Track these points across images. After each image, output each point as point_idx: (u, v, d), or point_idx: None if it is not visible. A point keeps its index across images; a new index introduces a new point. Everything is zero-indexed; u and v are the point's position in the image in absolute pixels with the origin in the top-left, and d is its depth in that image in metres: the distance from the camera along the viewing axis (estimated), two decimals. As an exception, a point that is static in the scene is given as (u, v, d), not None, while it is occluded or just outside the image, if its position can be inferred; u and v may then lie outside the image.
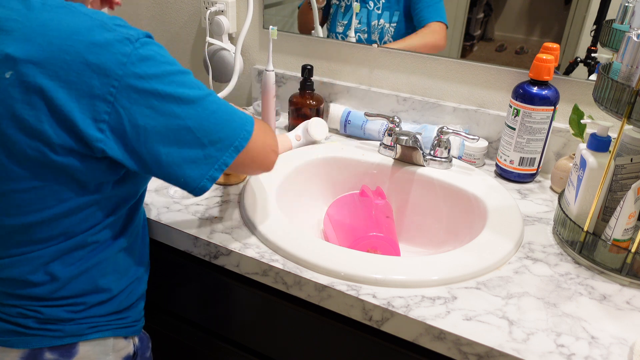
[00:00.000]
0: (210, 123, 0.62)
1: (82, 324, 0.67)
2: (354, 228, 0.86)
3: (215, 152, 0.63)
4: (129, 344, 0.73)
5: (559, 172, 0.94)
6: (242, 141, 0.65)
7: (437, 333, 0.63)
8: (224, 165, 0.64)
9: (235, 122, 0.65)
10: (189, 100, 0.61)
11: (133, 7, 1.42)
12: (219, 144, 0.63)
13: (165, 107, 0.59)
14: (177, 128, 0.60)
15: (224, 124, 0.64)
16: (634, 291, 0.71)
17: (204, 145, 0.62)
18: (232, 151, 0.64)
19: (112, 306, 0.70)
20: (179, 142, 0.61)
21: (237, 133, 0.65)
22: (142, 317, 0.76)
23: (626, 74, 0.68)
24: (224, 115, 0.64)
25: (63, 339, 0.66)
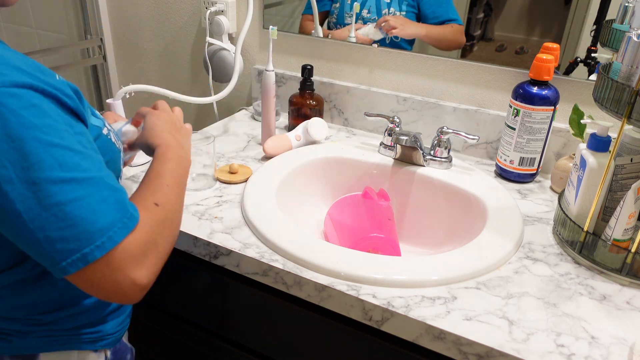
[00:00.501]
0: (52, 215, 0.50)
1: (43, 337, 0.65)
2: (355, 229, 0.86)
3: (53, 253, 0.51)
4: (99, 357, 0.70)
5: (559, 172, 0.94)
6: (95, 250, 0.51)
7: (437, 333, 0.63)
8: (60, 272, 0.51)
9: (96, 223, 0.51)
10: (28, 179, 0.49)
11: (133, 7, 1.42)
12: (58, 243, 0.50)
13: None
14: (1, 209, 0.49)
15: (74, 221, 0.50)
16: (634, 291, 0.71)
17: (37, 239, 0.50)
18: (76, 259, 0.51)
19: (76, 322, 0.67)
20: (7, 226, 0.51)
21: (93, 238, 0.51)
22: (118, 330, 0.73)
23: (626, 74, 0.68)
24: (80, 210, 0.51)
25: (22, 350, 0.65)
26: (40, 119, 0.50)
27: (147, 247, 0.56)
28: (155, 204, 0.60)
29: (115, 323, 0.73)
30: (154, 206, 0.59)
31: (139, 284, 0.54)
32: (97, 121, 0.66)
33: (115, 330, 0.73)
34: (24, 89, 0.50)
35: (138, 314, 0.95)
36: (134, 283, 0.54)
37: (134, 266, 0.54)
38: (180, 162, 0.68)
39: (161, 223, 0.59)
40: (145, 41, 1.46)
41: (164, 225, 0.59)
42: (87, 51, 1.52)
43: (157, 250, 0.57)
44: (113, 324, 0.72)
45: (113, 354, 0.73)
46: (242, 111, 1.29)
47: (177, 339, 0.95)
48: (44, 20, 1.60)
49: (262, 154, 1.05)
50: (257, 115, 1.23)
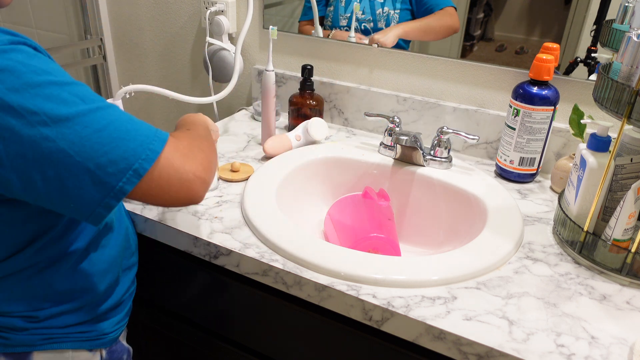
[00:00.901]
0: (94, 143, 0.52)
1: (36, 334, 0.66)
2: (355, 229, 0.86)
3: (107, 177, 0.53)
4: (94, 356, 0.71)
5: (559, 172, 0.94)
6: (144, 163, 0.54)
7: (437, 333, 0.63)
8: (120, 194, 0.54)
9: (135, 140, 0.54)
10: (61, 117, 0.51)
11: (133, 7, 1.42)
12: (109, 167, 0.53)
13: (27, 127, 0.50)
14: (48, 152, 0.51)
15: (116, 143, 0.53)
16: (634, 291, 0.71)
17: (88, 170, 0.52)
18: (130, 176, 0.54)
19: (70, 320, 0.68)
20: (55, 168, 0.52)
21: (137, 153, 0.54)
22: (114, 330, 0.73)
23: (626, 74, 0.68)
24: (117, 132, 0.54)
25: (15, 347, 0.65)
26: (47, 64, 0.54)
27: (192, 149, 0.61)
28: (187, 129, 0.70)
29: (112, 323, 0.73)
30: (187, 130, 0.69)
31: (199, 176, 0.59)
32: None
33: (112, 330, 0.73)
34: (20, 44, 0.53)
35: (138, 314, 0.95)
36: (195, 175, 0.58)
37: (187, 160, 0.58)
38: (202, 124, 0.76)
39: (197, 137, 0.66)
40: (145, 41, 1.46)
41: (200, 138, 0.66)
42: (87, 51, 1.52)
43: (203, 152, 0.63)
44: (109, 324, 0.72)
45: (109, 354, 0.73)
46: (242, 111, 1.29)
47: (177, 339, 0.95)
48: (44, 20, 1.60)
49: (262, 154, 1.05)
50: (257, 115, 1.23)
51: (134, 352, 0.85)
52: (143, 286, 0.90)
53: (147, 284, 0.91)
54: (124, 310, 0.76)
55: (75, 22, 1.52)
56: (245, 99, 1.36)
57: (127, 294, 0.76)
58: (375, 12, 1.11)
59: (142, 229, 0.84)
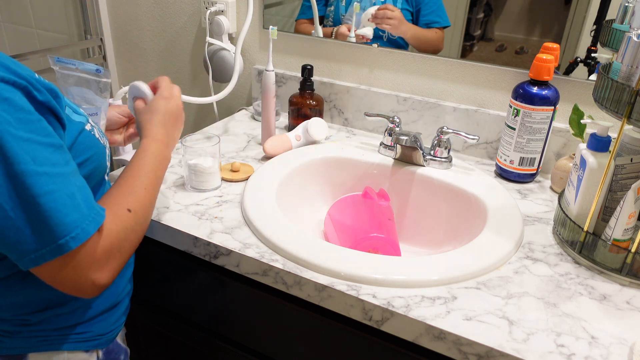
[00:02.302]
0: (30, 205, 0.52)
1: (31, 337, 0.66)
2: (355, 229, 0.86)
3: (31, 243, 0.53)
4: (90, 357, 0.70)
5: (559, 172, 0.94)
6: (70, 241, 0.54)
7: (437, 333, 0.63)
8: (37, 261, 0.53)
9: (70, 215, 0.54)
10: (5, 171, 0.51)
11: (133, 7, 1.42)
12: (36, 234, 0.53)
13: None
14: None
15: (50, 213, 0.52)
16: (634, 291, 0.71)
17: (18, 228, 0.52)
18: (52, 249, 0.53)
19: (64, 322, 0.67)
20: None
21: (68, 229, 0.53)
22: (110, 331, 0.73)
23: (626, 74, 0.68)
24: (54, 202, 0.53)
25: (10, 350, 0.65)
26: (11, 114, 0.52)
27: (111, 253, 0.58)
28: (128, 209, 0.62)
29: (107, 323, 0.72)
30: (126, 212, 0.62)
31: (98, 284, 0.58)
32: (80, 117, 0.66)
33: (107, 331, 0.72)
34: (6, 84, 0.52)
35: (137, 314, 0.95)
36: (93, 284, 0.57)
37: (96, 269, 0.57)
38: (161, 161, 0.70)
39: (129, 229, 0.61)
40: (145, 41, 1.46)
41: (132, 231, 0.62)
42: (87, 51, 1.52)
43: (120, 254, 0.60)
44: (104, 325, 0.72)
45: (105, 355, 0.73)
46: (242, 111, 1.29)
47: (177, 339, 0.95)
48: (44, 20, 1.60)
49: (262, 154, 1.05)
50: (257, 115, 1.23)
51: (134, 352, 0.85)
52: (143, 286, 0.90)
53: (146, 284, 0.91)
54: (120, 311, 0.75)
55: (75, 22, 1.52)
56: (245, 99, 1.36)
57: (123, 294, 0.76)
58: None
59: (142, 229, 0.84)
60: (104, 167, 0.70)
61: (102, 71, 0.81)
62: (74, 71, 0.80)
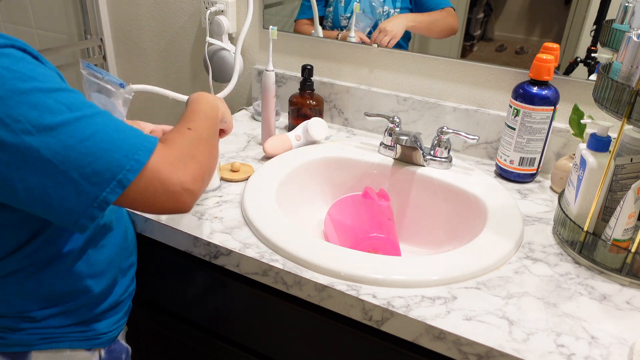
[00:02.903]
0: (79, 153, 0.52)
1: (33, 334, 0.66)
2: (355, 229, 0.86)
3: (90, 187, 0.52)
4: (92, 355, 0.71)
5: (559, 172, 0.94)
6: (128, 174, 0.53)
7: (437, 333, 0.63)
8: (104, 204, 0.53)
9: (120, 150, 0.53)
10: (45, 126, 0.51)
11: (133, 7, 1.42)
12: (94, 177, 0.52)
13: (11, 136, 0.50)
14: (31, 161, 0.50)
15: (101, 153, 0.52)
16: (634, 291, 0.71)
17: (72, 179, 0.52)
18: (114, 186, 0.53)
19: (67, 320, 0.68)
20: (38, 177, 0.51)
21: (122, 164, 0.53)
22: (113, 330, 0.73)
23: (626, 74, 0.68)
24: (102, 142, 0.53)
25: (13, 347, 0.65)
26: (33, 70, 0.52)
27: (184, 158, 0.59)
28: (188, 128, 0.65)
29: (110, 322, 0.73)
30: (187, 130, 0.64)
31: (187, 188, 0.57)
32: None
33: (110, 330, 0.73)
34: (7, 48, 0.52)
35: (138, 314, 0.95)
36: (183, 187, 0.57)
37: (177, 172, 0.57)
38: (212, 107, 0.73)
39: (195, 141, 0.63)
40: (145, 41, 1.46)
41: (199, 142, 0.63)
42: (87, 51, 1.52)
43: (197, 162, 0.60)
44: (107, 323, 0.72)
45: (107, 353, 0.73)
46: (242, 111, 1.29)
47: (177, 339, 0.95)
48: (44, 20, 1.60)
49: (262, 154, 1.05)
50: (257, 115, 1.23)
51: (134, 352, 0.85)
52: (143, 286, 0.90)
53: (147, 284, 0.91)
54: (123, 310, 0.76)
55: (75, 22, 1.52)
56: (245, 99, 1.36)
57: (126, 293, 0.76)
58: (376, 11, 1.11)
59: (142, 229, 0.84)
60: None
61: (125, 86, 0.83)
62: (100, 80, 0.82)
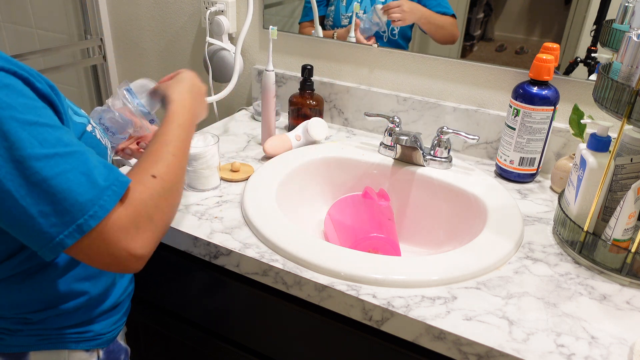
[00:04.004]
0: (42, 191, 0.50)
1: (32, 335, 0.66)
2: (355, 229, 0.86)
3: (48, 228, 0.51)
4: (91, 356, 0.70)
5: (559, 172, 0.94)
6: (89, 220, 0.51)
7: (437, 333, 0.63)
8: (59, 247, 0.52)
9: (86, 194, 0.52)
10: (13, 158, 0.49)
11: (133, 7, 1.42)
12: (53, 218, 0.51)
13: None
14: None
15: (65, 195, 0.51)
16: (634, 291, 0.71)
17: (31, 217, 0.51)
18: (72, 230, 0.51)
19: (65, 321, 0.67)
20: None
21: (85, 208, 0.51)
22: (111, 330, 0.73)
23: (626, 74, 0.68)
24: (68, 183, 0.51)
25: (11, 348, 0.65)
26: (15, 99, 0.51)
27: (139, 220, 0.55)
28: (153, 176, 0.59)
29: (108, 323, 0.72)
30: (151, 179, 0.59)
31: (135, 254, 0.55)
32: (81, 118, 0.66)
33: (108, 331, 0.72)
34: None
35: (137, 314, 0.95)
36: (130, 254, 0.54)
37: (127, 238, 0.54)
38: (189, 129, 0.70)
39: (157, 196, 0.58)
40: (145, 41, 1.46)
41: (159, 197, 0.58)
42: (87, 51, 1.52)
43: (151, 222, 0.57)
44: (105, 324, 0.72)
45: (106, 354, 0.73)
46: (242, 111, 1.29)
47: (177, 339, 0.95)
48: (44, 20, 1.60)
49: (262, 154, 1.05)
50: (257, 115, 1.23)
51: (134, 352, 0.85)
52: (143, 286, 0.90)
53: (146, 284, 0.91)
54: (122, 311, 0.75)
55: (75, 22, 1.52)
56: (245, 99, 1.36)
57: (125, 294, 0.76)
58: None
59: (142, 229, 0.84)
60: None
61: (156, 122, 0.83)
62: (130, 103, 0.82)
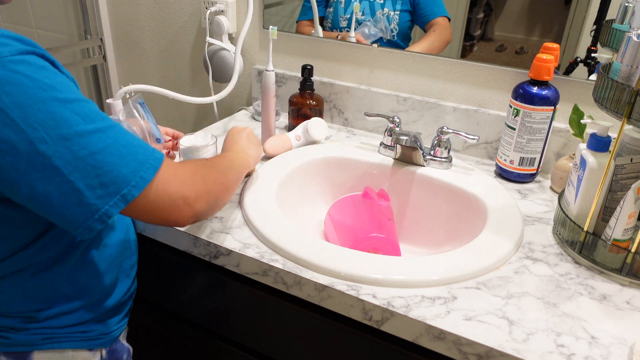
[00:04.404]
0: (88, 165, 0.53)
1: (36, 334, 0.66)
2: (355, 229, 0.86)
3: (95, 199, 0.54)
4: (94, 355, 0.71)
5: (559, 172, 0.94)
6: (132, 190, 0.55)
7: (437, 333, 0.63)
8: (105, 217, 0.55)
9: (128, 166, 0.55)
10: (60, 136, 0.52)
11: (133, 7, 1.42)
12: (99, 189, 0.54)
13: (25, 143, 0.51)
14: (41, 168, 0.52)
15: (109, 167, 0.54)
16: (634, 291, 0.71)
17: (78, 190, 0.53)
18: (117, 200, 0.55)
19: (70, 320, 0.68)
20: (45, 184, 0.53)
21: (128, 179, 0.55)
22: (114, 330, 0.74)
23: (626, 74, 0.68)
24: (111, 156, 0.54)
25: (16, 347, 0.66)
26: (53, 79, 0.54)
27: (195, 178, 0.61)
28: (206, 159, 0.69)
29: (112, 322, 0.73)
30: (204, 160, 0.68)
31: (188, 202, 0.60)
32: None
33: (111, 330, 0.73)
34: (29, 54, 0.53)
35: (138, 314, 0.95)
36: (184, 200, 0.59)
37: (181, 185, 0.59)
38: (242, 160, 0.78)
39: (208, 166, 0.66)
40: (145, 41, 1.46)
41: (211, 168, 0.66)
42: (87, 51, 1.52)
43: (205, 183, 0.63)
44: (109, 323, 0.72)
45: (109, 354, 0.73)
46: (242, 111, 1.29)
47: (177, 339, 0.95)
48: (44, 20, 1.60)
49: (262, 154, 1.05)
50: (257, 115, 1.23)
51: (134, 352, 0.85)
52: (143, 286, 0.90)
53: (147, 284, 0.91)
54: (125, 310, 0.76)
55: (75, 22, 1.52)
56: (245, 99, 1.36)
57: (128, 294, 0.76)
58: (375, 12, 1.11)
59: (142, 229, 0.84)
60: None
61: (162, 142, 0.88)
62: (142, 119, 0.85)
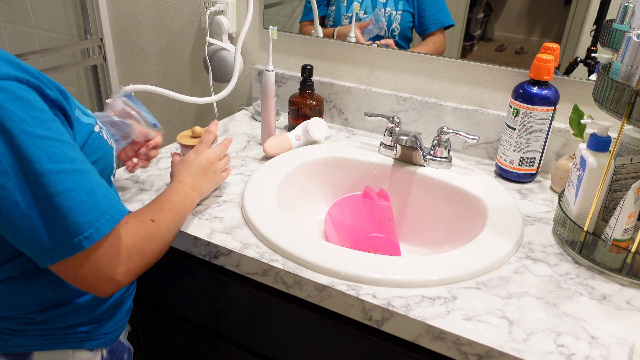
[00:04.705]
0: (46, 206, 0.52)
1: (36, 336, 0.66)
2: (355, 229, 0.86)
3: (47, 239, 0.53)
4: (95, 355, 0.71)
5: (559, 172, 0.94)
6: (84, 241, 0.54)
7: (437, 333, 0.63)
8: (56, 257, 0.54)
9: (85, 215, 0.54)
10: (22, 171, 0.51)
11: (133, 7, 1.42)
12: (53, 231, 0.53)
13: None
14: (1, 199, 0.51)
15: (65, 212, 0.53)
16: (634, 291, 0.71)
17: (35, 226, 0.53)
18: (68, 247, 0.54)
19: (69, 321, 0.68)
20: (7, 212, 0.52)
21: (83, 228, 0.54)
22: (114, 330, 0.73)
23: (626, 74, 0.68)
24: (71, 202, 0.53)
25: (15, 348, 0.66)
26: (27, 112, 0.52)
27: (133, 251, 0.59)
28: (151, 219, 0.65)
29: (112, 322, 0.73)
30: (149, 221, 0.65)
31: (117, 281, 0.58)
32: (88, 119, 0.66)
33: (112, 330, 0.73)
34: (9, 80, 0.51)
35: (138, 314, 0.95)
36: (112, 280, 0.58)
37: (117, 265, 0.58)
38: (186, 198, 0.75)
39: (151, 235, 0.63)
40: (145, 41, 1.46)
41: (153, 238, 0.64)
42: (87, 51, 1.52)
43: (141, 257, 0.61)
44: (109, 324, 0.72)
45: (109, 353, 0.73)
46: (242, 111, 1.29)
47: (177, 339, 0.95)
48: (44, 20, 1.60)
49: (262, 154, 1.05)
50: (257, 115, 1.23)
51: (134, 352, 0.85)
52: (143, 286, 0.90)
53: (147, 284, 0.91)
54: (124, 310, 0.76)
55: (75, 22, 1.53)
56: (245, 99, 1.36)
57: (127, 293, 0.76)
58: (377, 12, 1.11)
59: (142, 229, 0.84)
60: (111, 168, 0.71)
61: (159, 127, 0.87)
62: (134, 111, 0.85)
